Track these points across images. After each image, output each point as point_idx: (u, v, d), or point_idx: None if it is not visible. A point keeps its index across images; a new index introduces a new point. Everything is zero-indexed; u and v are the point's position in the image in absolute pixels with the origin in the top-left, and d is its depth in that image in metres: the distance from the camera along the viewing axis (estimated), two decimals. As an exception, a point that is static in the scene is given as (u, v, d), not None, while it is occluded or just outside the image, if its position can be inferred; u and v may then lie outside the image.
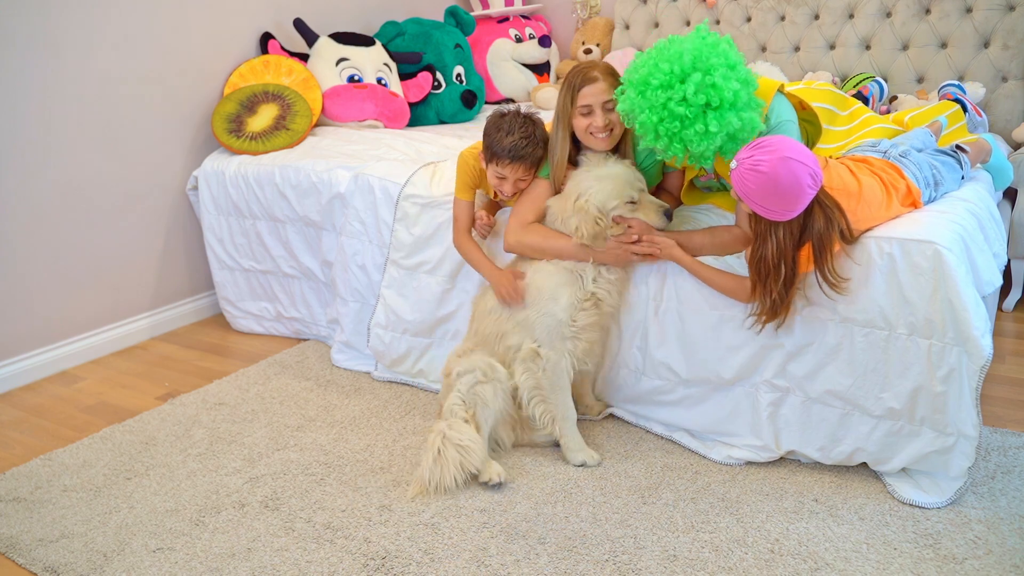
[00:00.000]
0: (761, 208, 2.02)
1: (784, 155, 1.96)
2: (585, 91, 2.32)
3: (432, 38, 4.21)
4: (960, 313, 2.00)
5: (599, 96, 2.32)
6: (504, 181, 2.48)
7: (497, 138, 2.43)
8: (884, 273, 2.10)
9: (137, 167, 3.41)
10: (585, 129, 2.36)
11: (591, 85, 2.32)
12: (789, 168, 1.95)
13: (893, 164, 2.35)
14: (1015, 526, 2.02)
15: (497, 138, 2.43)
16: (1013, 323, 3.26)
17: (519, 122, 2.44)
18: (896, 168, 2.33)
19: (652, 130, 2.11)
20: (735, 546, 2.02)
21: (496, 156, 2.44)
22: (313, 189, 3.17)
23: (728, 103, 2.05)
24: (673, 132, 2.08)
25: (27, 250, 3.10)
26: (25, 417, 2.90)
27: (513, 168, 2.45)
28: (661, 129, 2.09)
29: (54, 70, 3.08)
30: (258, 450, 2.57)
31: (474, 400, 2.38)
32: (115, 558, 2.10)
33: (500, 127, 2.44)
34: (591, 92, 2.32)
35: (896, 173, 2.31)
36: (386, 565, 2.02)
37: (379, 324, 2.92)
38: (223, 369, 3.20)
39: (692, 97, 2.04)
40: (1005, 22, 3.58)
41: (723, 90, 2.03)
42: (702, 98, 2.03)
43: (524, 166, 2.45)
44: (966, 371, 2.03)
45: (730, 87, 2.04)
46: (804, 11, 4.05)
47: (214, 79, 3.65)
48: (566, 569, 1.97)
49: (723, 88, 2.03)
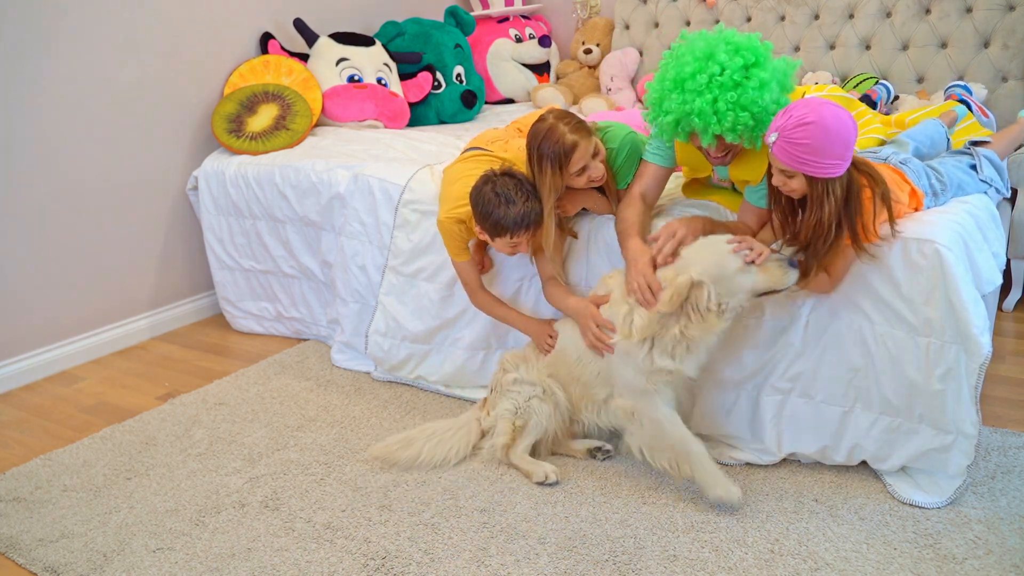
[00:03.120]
0: (818, 165, 1.94)
1: (820, 103, 1.95)
2: (574, 160, 2.28)
3: (432, 38, 4.21)
4: (959, 312, 2.00)
5: (586, 153, 2.29)
6: (519, 245, 2.39)
7: (501, 213, 2.30)
8: (883, 271, 2.10)
9: (137, 167, 3.41)
10: (587, 183, 2.37)
11: (575, 152, 2.27)
12: (832, 112, 1.93)
13: (895, 168, 2.34)
14: (1015, 526, 2.02)
15: (501, 213, 2.30)
16: (1013, 323, 3.26)
17: (511, 186, 2.30)
18: (899, 172, 2.32)
19: (711, 113, 2.04)
20: (735, 546, 2.02)
21: (509, 230, 2.32)
22: (313, 189, 3.17)
23: (762, 56, 2.06)
24: (732, 102, 2.03)
25: (27, 250, 3.10)
26: (25, 417, 2.90)
27: (527, 235, 2.35)
28: (721, 106, 2.03)
29: (55, 70, 3.08)
30: (258, 450, 2.57)
31: (528, 412, 2.36)
32: (115, 558, 2.10)
33: (498, 202, 2.30)
34: (580, 157, 2.28)
35: (899, 177, 2.31)
36: (386, 565, 2.02)
37: (378, 331, 2.91)
38: (223, 369, 3.20)
39: (729, 63, 2.03)
40: (1005, 22, 3.58)
41: (750, 47, 2.06)
42: (738, 60, 2.04)
43: (535, 228, 2.35)
44: (964, 369, 2.03)
45: (753, 43, 2.07)
46: (804, 11, 4.05)
47: (214, 79, 3.65)
48: (566, 569, 1.97)
49: (749, 45, 2.06)
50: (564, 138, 2.26)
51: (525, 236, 2.36)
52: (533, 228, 2.34)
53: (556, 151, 2.26)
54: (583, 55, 4.69)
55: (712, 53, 2.06)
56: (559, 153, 2.26)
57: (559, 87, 4.50)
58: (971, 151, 2.56)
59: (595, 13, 4.82)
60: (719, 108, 2.03)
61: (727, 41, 2.07)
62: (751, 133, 2.08)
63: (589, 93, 4.46)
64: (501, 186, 2.31)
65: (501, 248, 2.42)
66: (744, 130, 2.06)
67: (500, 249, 2.44)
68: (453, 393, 2.84)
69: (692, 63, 2.07)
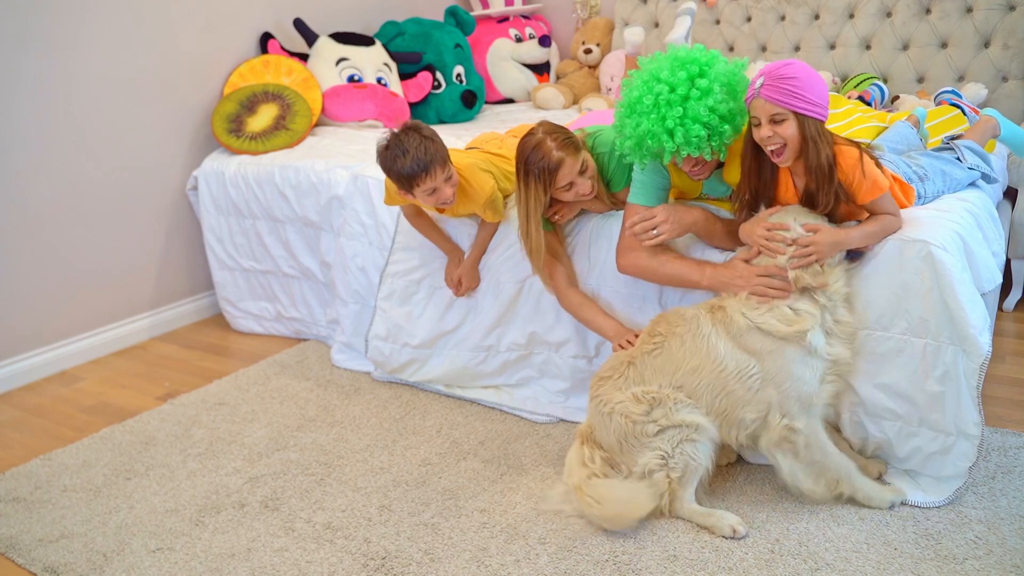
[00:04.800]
0: (808, 101, 1.97)
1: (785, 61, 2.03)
2: (560, 177, 2.28)
3: (432, 38, 4.21)
4: (955, 312, 1.99)
5: (572, 170, 2.29)
6: (436, 191, 2.40)
7: (400, 164, 2.35)
8: (878, 273, 2.10)
9: (137, 167, 3.41)
10: (574, 197, 2.37)
11: (561, 169, 2.27)
12: (800, 63, 2.02)
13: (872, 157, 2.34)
14: (1015, 526, 2.02)
15: (400, 164, 2.35)
16: (1013, 323, 3.26)
17: (402, 139, 2.35)
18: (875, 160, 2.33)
19: (665, 132, 2.06)
20: (735, 546, 2.02)
21: (411, 178, 2.36)
22: (312, 189, 3.17)
23: (706, 64, 2.07)
24: (679, 118, 2.04)
25: (27, 250, 3.10)
26: (25, 417, 2.90)
27: (432, 176, 2.36)
28: (669, 123, 2.05)
29: (55, 70, 3.08)
30: (258, 450, 2.57)
31: (683, 462, 2.07)
32: (115, 558, 2.10)
33: (394, 156, 2.36)
34: (565, 174, 2.28)
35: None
36: (386, 565, 2.02)
37: (378, 336, 2.90)
38: (223, 369, 3.20)
39: (673, 79, 2.06)
40: (1005, 22, 3.58)
41: (694, 60, 2.07)
42: (682, 74, 2.05)
43: (439, 166, 2.36)
44: (963, 370, 2.02)
45: (695, 55, 2.08)
46: (804, 11, 4.05)
47: (214, 79, 3.65)
48: (566, 569, 1.97)
49: (692, 58, 2.07)
50: (550, 155, 2.25)
51: (430, 180, 2.36)
52: (435, 167, 2.35)
53: (542, 167, 2.26)
54: (583, 55, 4.69)
55: (656, 73, 2.08)
56: (544, 169, 2.26)
57: (559, 87, 4.50)
58: (951, 145, 2.56)
59: (595, 13, 4.82)
60: (668, 126, 2.05)
61: (672, 59, 2.09)
62: (708, 144, 2.09)
63: (589, 93, 4.46)
64: (393, 142, 2.37)
65: (426, 202, 2.41)
66: (699, 141, 2.06)
67: (427, 204, 2.43)
68: (453, 393, 2.83)
69: (639, 86, 2.10)
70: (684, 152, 2.09)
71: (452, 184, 2.43)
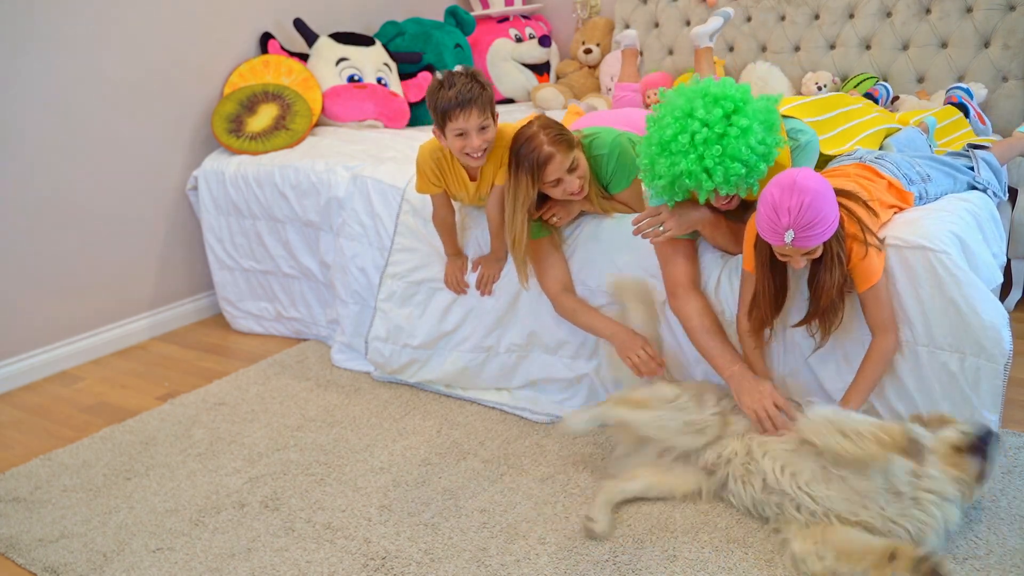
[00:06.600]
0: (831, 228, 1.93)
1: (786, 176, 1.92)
2: (548, 171, 2.27)
3: (432, 38, 4.21)
4: (968, 316, 1.99)
5: (562, 166, 2.28)
6: (467, 136, 2.33)
7: (440, 96, 2.30)
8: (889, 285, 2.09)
9: (137, 167, 3.41)
10: (563, 194, 2.36)
11: (550, 164, 2.26)
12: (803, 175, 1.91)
13: (866, 165, 2.34)
14: (1015, 526, 2.02)
15: (440, 96, 2.30)
16: (1013, 323, 3.23)
17: (454, 75, 2.33)
18: (870, 168, 2.33)
19: (701, 172, 2.01)
20: (735, 546, 2.02)
21: (447, 112, 2.30)
22: (312, 190, 3.17)
23: (741, 101, 2.01)
24: (718, 156, 1.98)
25: (27, 250, 3.10)
26: (25, 417, 2.90)
27: (466, 115, 2.29)
28: (708, 163, 1.99)
29: (54, 70, 3.08)
30: (258, 450, 2.57)
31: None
32: (115, 558, 2.10)
33: (440, 86, 2.32)
34: (554, 169, 2.27)
35: (871, 172, 2.31)
36: (386, 565, 2.02)
37: (378, 337, 2.90)
38: (223, 369, 3.20)
39: (709, 116, 1.99)
40: (1005, 22, 3.58)
41: (727, 96, 2.01)
42: (718, 112, 1.98)
43: (477, 109, 2.30)
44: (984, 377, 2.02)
45: (728, 91, 2.02)
46: (804, 11, 4.04)
47: (214, 79, 3.65)
48: (566, 569, 1.97)
49: (726, 95, 2.01)
50: (541, 148, 2.25)
51: (464, 119, 2.29)
52: (473, 107, 2.28)
53: (531, 160, 2.26)
54: (583, 55, 4.69)
55: (691, 111, 2.01)
56: (533, 162, 2.26)
57: (559, 87, 4.50)
58: (969, 153, 2.56)
59: (595, 13, 4.82)
60: (707, 165, 1.99)
61: (704, 94, 2.02)
62: (746, 181, 2.04)
63: (589, 93, 4.46)
64: (445, 77, 2.33)
65: (454, 145, 2.37)
66: (738, 179, 2.01)
67: (453, 149, 2.39)
68: (453, 393, 2.83)
69: (673, 124, 2.03)
70: (723, 191, 2.05)
71: (485, 139, 2.35)
